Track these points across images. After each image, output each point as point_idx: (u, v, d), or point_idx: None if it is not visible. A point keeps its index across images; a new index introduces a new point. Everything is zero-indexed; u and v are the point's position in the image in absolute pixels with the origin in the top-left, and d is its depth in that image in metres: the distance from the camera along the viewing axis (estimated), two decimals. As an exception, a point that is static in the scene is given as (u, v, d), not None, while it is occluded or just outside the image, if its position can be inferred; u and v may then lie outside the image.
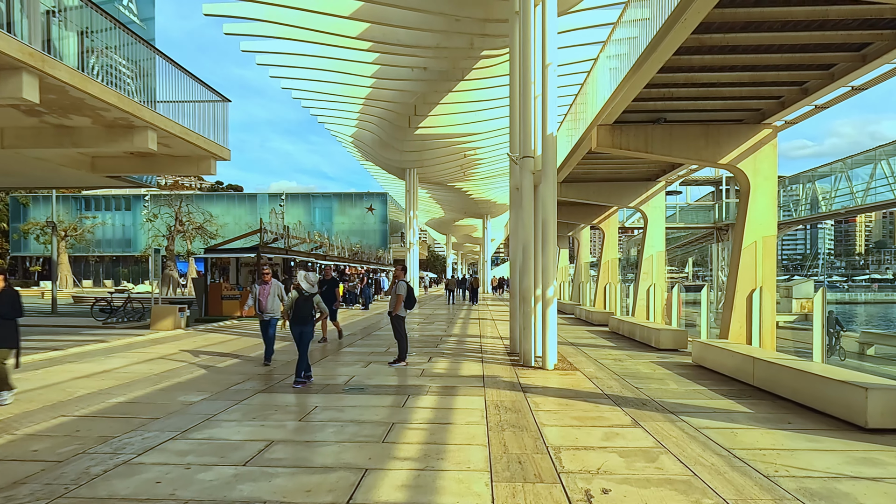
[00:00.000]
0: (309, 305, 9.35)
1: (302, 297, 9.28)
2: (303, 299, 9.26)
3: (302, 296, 9.30)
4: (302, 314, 9.26)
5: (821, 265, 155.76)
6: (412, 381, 9.18)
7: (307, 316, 9.29)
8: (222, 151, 14.93)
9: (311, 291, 9.35)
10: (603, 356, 12.21)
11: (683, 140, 12.02)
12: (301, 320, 9.25)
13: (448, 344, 14.14)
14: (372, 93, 26.39)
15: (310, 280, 9.42)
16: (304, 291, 9.33)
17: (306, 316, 9.29)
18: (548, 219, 10.22)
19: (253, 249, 22.38)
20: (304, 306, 9.25)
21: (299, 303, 9.25)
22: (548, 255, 10.29)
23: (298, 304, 9.27)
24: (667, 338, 13.01)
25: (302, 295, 9.29)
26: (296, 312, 9.26)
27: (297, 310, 9.26)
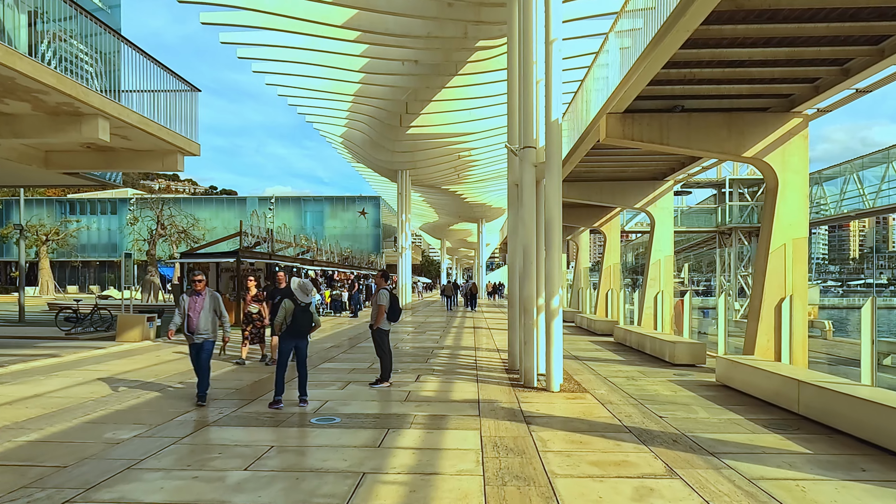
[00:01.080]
0: (308, 317, 8.10)
1: (300, 308, 7.99)
2: (300, 310, 7.99)
3: (299, 306, 8.00)
4: (300, 326, 8.02)
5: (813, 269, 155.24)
6: (395, 409, 7.78)
7: (306, 328, 8.09)
8: (190, 146, 13.53)
9: (305, 301, 8.05)
10: (613, 373, 10.84)
11: (703, 130, 10.70)
12: (298, 333, 8.05)
13: (440, 358, 12.75)
14: (361, 89, 25.03)
15: (304, 288, 8.12)
16: (299, 302, 8.02)
17: (304, 328, 8.08)
18: (552, 217, 8.87)
19: (232, 254, 20.93)
20: (303, 318, 8.02)
21: (297, 314, 7.99)
22: (552, 260, 8.93)
23: (296, 316, 7.99)
24: (683, 352, 11.66)
25: (299, 305, 7.99)
26: (292, 325, 7.96)
27: (294, 322, 7.96)
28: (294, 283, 8.08)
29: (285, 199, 64.40)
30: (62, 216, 59.37)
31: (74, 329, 18.14)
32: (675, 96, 10.63)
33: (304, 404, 7.89)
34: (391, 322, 9.47)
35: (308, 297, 8.10)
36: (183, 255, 21.61)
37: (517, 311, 10.86)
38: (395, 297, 9.39)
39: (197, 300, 8.00)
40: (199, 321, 7.95)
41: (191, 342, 8.11)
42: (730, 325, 27.12)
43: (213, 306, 8.12)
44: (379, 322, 9.28)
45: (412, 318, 26.24)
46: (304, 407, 7.82)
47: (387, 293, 9.30)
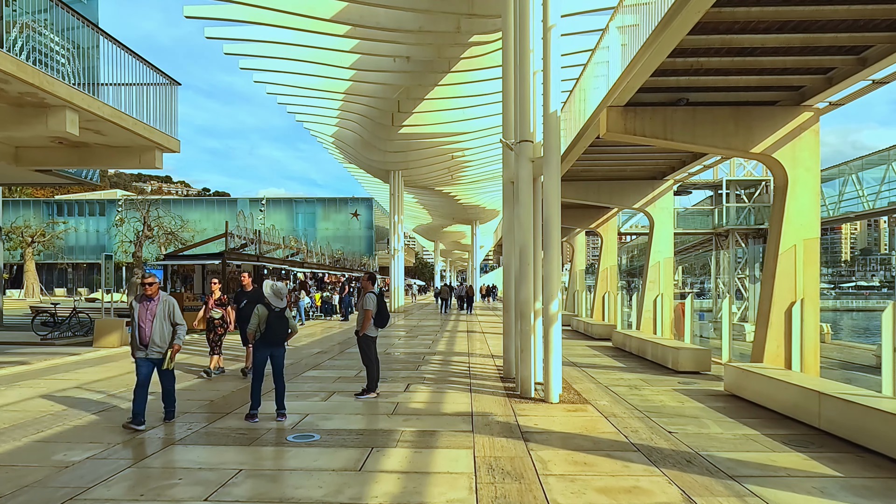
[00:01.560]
0: (284, 323, 7.48)
1: (274, 314, 7.34)
2: (275, 316, 7.35)
3: (273, 312, 7.35)
4: (275, 334, 7.39)
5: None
6: (380, 424, 7.14)
7: (281, 336, 7.47)
8: (169, 141, 12.86)
9: (280, 305, 7.42)
10: (614, 381, 10.24)
11: (710, 125, 10.13)
12: (273, 341, 7.41)
13: (432, 365, 12.12)
14: (353, 87, 24.39)
15: (277, 291, 7.47)
16: (273, 307, 7.37)
17: (280, 336, 7.46)
18: (551, 216, 8.26)
19: (218, 256, 20.23)
20: (279, 325, 7.40)
21: (271, 321, 7.34)
22: (551, 261, 8.32)
23: (270, 323, 7.34)
24: (687, 358, 11.07)
25: (273, 311, 7.33)
26: (266, 332, 7.32)
27: (268, 329, 7.33)
28: (266, 287, 7.43)
29: (277, 201, 63.61)
30: (49, 217, 58.31)
31: (51, 334, 17.39)
32: (679, 88, 10.06)
33: (282, 418, 7.26)
34: (379, 328, 8.84)
35: (282, 301, 7.47)
36: (167, 257, 20.90)
37: (513, 316, 10.25)
38: (382, 301, 8.76)
39: (149, 307, 6.80)
40: (153, 332, 6.75)
41: (140, 357, 6.84)
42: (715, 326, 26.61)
43: (168, 314, 6.93)
44: (365, 328, 8.65)
45: (405, 321, 25.61)
46: (282, 421, 7.19)
47: (374, 297, 8.68)
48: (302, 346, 15.61)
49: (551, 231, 8.29)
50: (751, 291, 34.11)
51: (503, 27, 10.31)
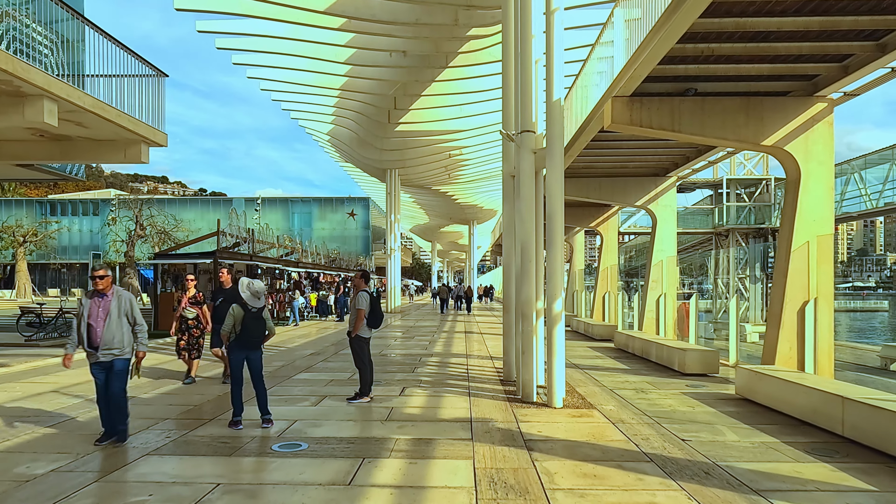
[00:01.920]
0: (260, 325, 6.94)
1: (250, 315, 6.83)
2: (251, 316, 6.83)
3: (249, 312, 6.85)
4: (250, 336, 6.86)
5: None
6: (374, 431, 6.68)
7: (257, 338, 6.92)
8: (155, 135, 12.39)
9: (257, 305, 6.89)
10: (619, 385, 9.79)
11: (719, 116, 9.70)
12: (249, 343, 6.88)
13: (429, 367, 11.66)
14: (348, 83, 23.92)
15: (254, 290, 6.95)
16: (250, 307, 6.88)
17: (257, 338, 6.93)
18: (555, 211, 7.82)
19: (210, 255, 19.74)
20: (255, 326, 6.86)
21: (247, 322, 6.82)
22: (555, 259, 7.87)
23: (246, 324, 6.83)
24: (694, 360, 10.63)
25: (249, 311, 6.84)
26: (242, 334, 6.82)
27: (244, 331, 6.82)
28: (242, 285, 6.92)
29: (273, 201, 63.09)
30: (42, 217, 57.67)
31: (36, 335, 16.89)
32: (688, 77, 9.62)
33: (268, 425, 6.79)
34: (372, 329, 8.37)
35: (260, 301, 6.96)
36: (157, 256, 20.39)
37: (513, 317, 9.81)
38: (375, 301, 8.29)
39: (100, 303, 5.98)
40: (104, 331, 5.89)
41: (92, 361, 5.97)
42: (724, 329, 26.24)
43: (125, 311, 6.07)
44: (357, 329, 8.18)
45: (402, 321, 25.15)
46: (268, 428, 6.72)
47: (366, 296, 8.21)
48: (295, 347, 15.15)
49: (554, 226, 7.85)
50: (751, 292, 33.81)
51: (503, 13, 9.86)
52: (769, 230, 33.78)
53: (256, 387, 6.97)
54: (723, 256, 36.31)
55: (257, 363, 7.02)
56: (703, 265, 45.66)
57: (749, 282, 34.39)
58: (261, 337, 6.98)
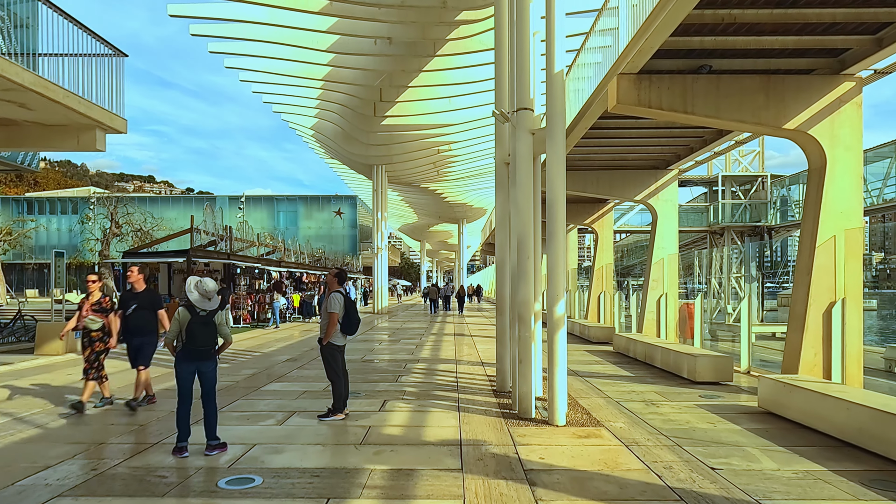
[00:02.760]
0: (210, 331, 5.87)
1: (196, 319, 5.78)
2: (199, 321, 5.79)
3: (196, 315, 5.77)
4: (200, 344, 5.80)
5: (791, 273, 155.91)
6: (345, 459, 5.62)
7: (207, 346, 5.86)
8: (113, 120, 11.24)
9: (207, 308, 5.83)
10: (625, 395, 8.79)
11: (736, 97, 8.73)
12: (198, 353, 5.82)
13: (414, 375, 10.60)
14: (332, 73, 22.79)
15: (204, 290, 5.85)
16: (197, 309, 5.79)
17: (206, 346, 5.85)
18: (556, 199, 6.80)
19: (182, 253, 18.55)
20: (203, 332, 5.81)
21: (193, 327, 5.77)
22: (556, 254, 6.86)
23: (192, 330, 5.77)
24: (706, 367, 9.66)
25: (196, 315, 5.76)
26: (187, 342, 5.74)
27: (189, 338, 5.74)
28: (189, 283, 5.86)
29: (257, 199, 61.65)
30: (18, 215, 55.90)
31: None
32: (703, 52, 8.64)
33: (214, 452, 5.72)
34: (347, 335, 7.31)
35: (210, 303, 5.88)
36: (126, 255, 19.15)
37: (507, 320, 8.78)
38: (351, 304, 7.23)
39: None
40: None
41: None
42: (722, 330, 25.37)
43: None
44: (329, 335, 7.11)
45: (389, 323, 24.07)
46: (214, 456, 5.65)
47: (340, 298, 7.15)
48: (271, 352, 14.04)
49: (556, 217, 6.83)
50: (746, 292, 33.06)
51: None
52: (765, 228, 33.06)
53: (205, 405, 5.89)
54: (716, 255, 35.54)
55: (211, 377, 5.95)
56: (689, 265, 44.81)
57: (744, 282, 33.63)
58: (211, 345, 5.89)
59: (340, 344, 7.24)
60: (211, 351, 5.92)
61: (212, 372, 5.95)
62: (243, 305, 22.00)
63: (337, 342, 7.19)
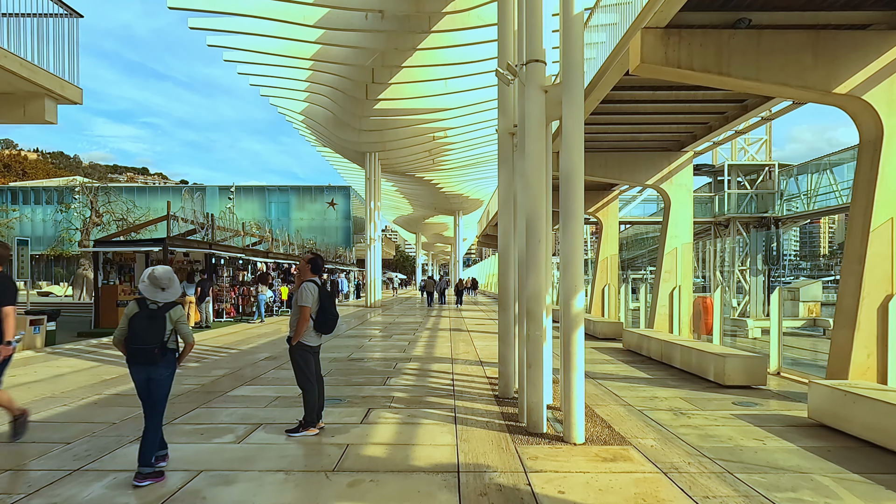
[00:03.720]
0: (155, 327, 4.67)
1: (144, 313, 4.66)
2: (144, 315, 4.66)
3: (145, 310, 4.66)
4: (137, 342, 4.62)
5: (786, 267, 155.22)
6: (311, 494, 4.42)
7: (149, 345, 4.64)
8: (65, 88, 9.94)
9: (159, 299, 4.72)
10: (647, 402, 7.62)
11: (779, 55, 7.51)
12: (140, 355, 4.65)
13: (405, 376, 9.40)
14: (321, 51, 21.48)
15: (154, 277, 4.73)
16: (147, 301, 4.62)
17: (147, 346, 4.64)
18: (573, 171, 5.60)
19: (158, 242, 17.26)
20: (146, 329, 4.65)
21: (135, 321, 4.64)
22: (573, 238, 5.65)
23: (133, 325, 4.64)
24: (736, 369, 8.49)
25: (145, 308, 4.66)
26: (129, 340, 4.62)
27: (130, 334, 4.60)
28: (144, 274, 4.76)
29: (248, 189, 60.17)
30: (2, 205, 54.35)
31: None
32: (741, 2, 7.42)
33: (142, 483, 4.56)
34: (322, 334, 6.08)
35: (163, 293, 4.71)
36: (97, 243, 17.83)
37: (512, 316, 7.58)
38: (327, 296, 6.01)
39: None
40: None
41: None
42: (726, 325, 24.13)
43: None
44: (300, 334, 5.89)
45: (382, 317, 22.85)
46: (144, 488, 4.46)
47: (314, 289, 5.92)
48: (250, 349, 12.82)
49: (572, 194, 5.62)
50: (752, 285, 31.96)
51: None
52: (772, 219, 31.91)
53: (146, 420, 4.74)
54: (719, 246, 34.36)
55: (162, 387, 4.79)
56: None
57: (750, 274, 32.53)
58: (154, 344, 4.67)
59: (314, 344, 6.02)
60: (155, 351, 4.69)
61: (163, 380, 4.77)
62: (227, 298, 20.73)
63: (309, 342, 5.97)
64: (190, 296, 17.50)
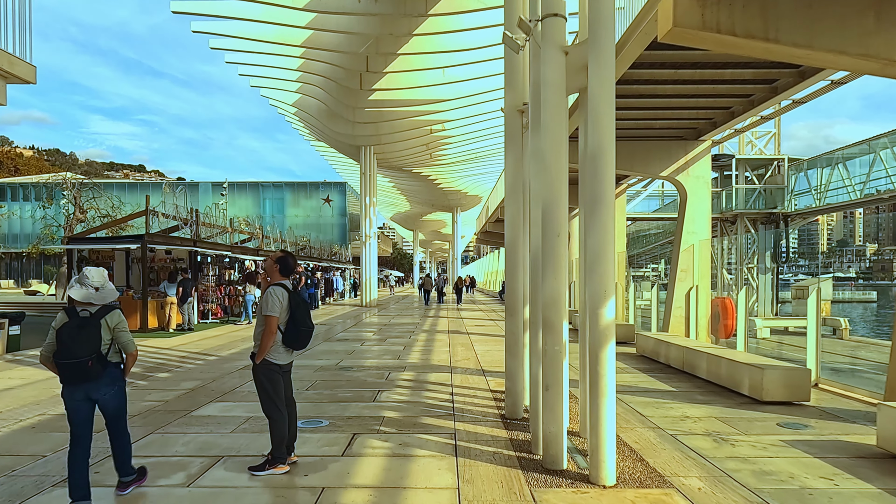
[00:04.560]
0: (85, 337, 3.83)
1: (74, 322, 3.85)
2: (75, 324, 3.84)
3: (75, 318, 3.83)
4: (65, 356, 3.79)
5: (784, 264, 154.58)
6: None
7: (78, 359, 3.81)
8: (14, 65, 8.83)
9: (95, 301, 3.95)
10: (679, 424, 6.54)
11: (835, 17, 6.34)
12: (71, 371, 3.84)
13: (398, 390, 8.31)
14: (313, 38, 20.31)
15: (86, 281, 3.91)
16: (79, 310, 3.84)
17: (76, 359, 3.79)
18: (603, 147, 4.52)
19: (136, 238, 16.14)
20: (73, 339, 3.80)
21: (64, 334, 3.80)
22: (603, 228, 4.57)
23: (61, 337, 3.80)
24: (776, 382, 7.43)
25: (75, 316, 3.84)
26: (60, 356, 3.79)
27: (61, 350, 3.78)
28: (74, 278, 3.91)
29: (242, 186, 58.94)
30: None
31: None
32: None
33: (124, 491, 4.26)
34: (293, 350, 4.99)
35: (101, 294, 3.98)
36: (70, 240, 16.70)
37: (521, 323, 6.48)
38: (299, 303, 4.90)
39: None
40: None
41: None
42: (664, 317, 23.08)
43: None
44: (265, 350, 4.80)
45: (378, 318, 21.76)
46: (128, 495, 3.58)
47: (283, 294, 4.82)
48: (228, 356, 11.73)
49: (602, 174, 4.54)
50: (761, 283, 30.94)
51: None
52: (780, 215, 30.87)
53: (112, 440, 4.22)
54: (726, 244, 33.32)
55: (112, 405, 4.12)
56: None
57: (757, 273, 31.51)
58: (86, 356, 3.79)
59: (282, 362, 4.93)
60: (89, 364, 3.81)
61: (111, 398, 4.10)
62: (213, 298, 19.62)
63: (277, 359, 4.88)
64: (171, 296, 16.42)
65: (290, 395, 5.12)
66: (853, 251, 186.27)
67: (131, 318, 16.17)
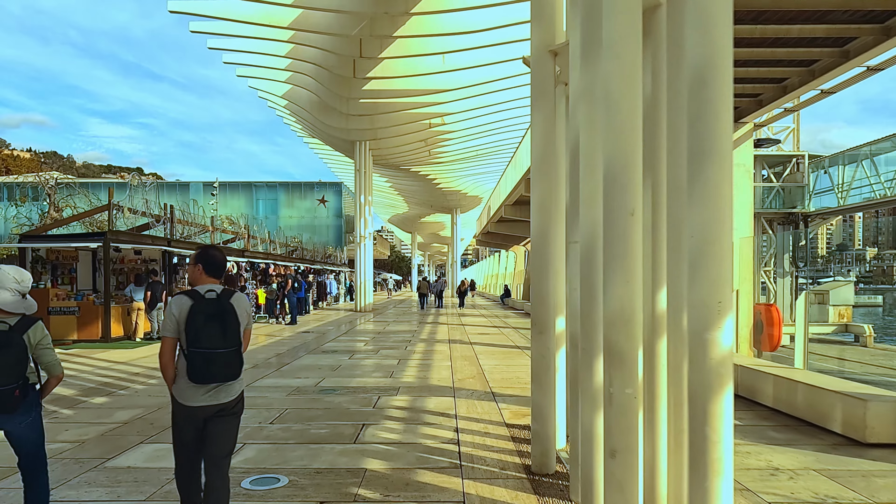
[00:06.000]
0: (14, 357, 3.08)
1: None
2: None
3: None
4: None
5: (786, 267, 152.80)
6: None
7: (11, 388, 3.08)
8: None
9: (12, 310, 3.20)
10: (770, 482, 4.75)
11: None
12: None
13: (387, 424, 6.50)
14: (301, 18, 18.54)
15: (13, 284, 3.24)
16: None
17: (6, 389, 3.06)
18: (715, 61, 2.70)
19: (97, 237, 14.32)
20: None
21: None
22: (714, 199, 2.76)
23: None
24: (886, 419, 5.65)
25: None
26: None
27: None
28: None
29: (234, 185, 57.03)
30: (-29, 201, 51.24)
31: None
32: None
33: None
34: (195, 383, 3.14)
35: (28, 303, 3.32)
36: (23, 238, 14.86)
37: (552, 343, 4.68)
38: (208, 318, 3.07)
39: None
40: None
41: None
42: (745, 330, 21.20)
43: None
44: (168, 381, 3.01)
45: (373, 325, 19.94)
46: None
47: (185, 304, 3.03)
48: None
49: (713, 104, 2.74)
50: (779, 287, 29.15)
51: None
52: (800, 215, 29.15)
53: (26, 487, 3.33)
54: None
55: (26, 441, 3.31)
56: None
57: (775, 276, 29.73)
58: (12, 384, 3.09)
59: (191, 404, 3.11)
60: (15, 393, 3.10)
61: (27, 427, 3.29)
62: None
63: (183, 398, 3.08)
64: (138, 301, 14.61)
65: (213, 453, 3.29)
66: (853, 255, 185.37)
67: (92, 327, 14.36)
